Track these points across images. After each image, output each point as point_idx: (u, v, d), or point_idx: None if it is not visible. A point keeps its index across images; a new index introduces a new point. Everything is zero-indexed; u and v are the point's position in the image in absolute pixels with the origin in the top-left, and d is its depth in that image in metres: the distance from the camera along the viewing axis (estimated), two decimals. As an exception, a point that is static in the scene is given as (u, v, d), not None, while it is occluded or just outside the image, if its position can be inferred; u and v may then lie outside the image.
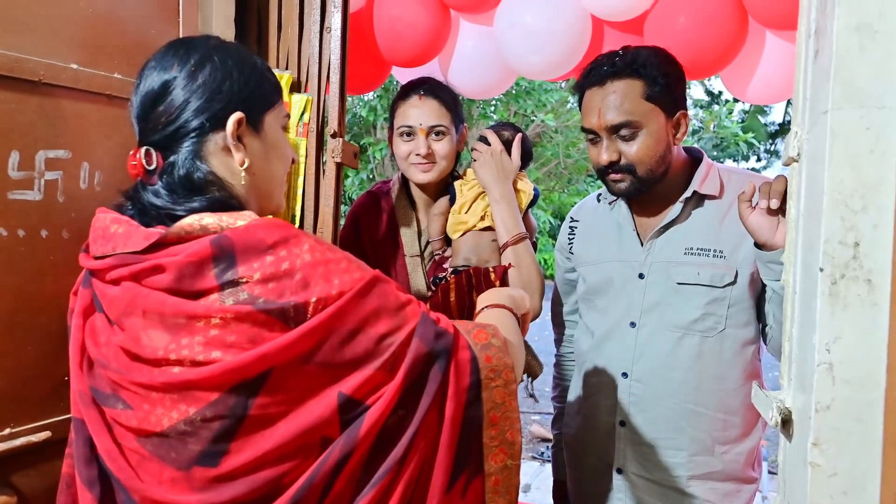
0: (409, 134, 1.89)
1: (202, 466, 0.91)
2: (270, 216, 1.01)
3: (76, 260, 1.41)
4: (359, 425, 0.91)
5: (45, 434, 1.37)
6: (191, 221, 0.95)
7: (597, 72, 1.58)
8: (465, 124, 2.02)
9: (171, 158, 1.02)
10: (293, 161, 1.18)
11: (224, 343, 0.89)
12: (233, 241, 0.91)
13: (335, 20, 1.69)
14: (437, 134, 1.88)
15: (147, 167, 1.03)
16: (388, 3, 2.18)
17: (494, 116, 9.03)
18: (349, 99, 8.51)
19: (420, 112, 1.88)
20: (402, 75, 2.55)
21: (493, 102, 9.19)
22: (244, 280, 0.90)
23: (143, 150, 1.03)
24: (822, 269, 0.90)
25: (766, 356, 1.63)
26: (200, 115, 1.02)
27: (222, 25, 1.75)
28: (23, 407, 1.35)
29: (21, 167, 1.31)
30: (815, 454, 0.89)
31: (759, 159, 12.39)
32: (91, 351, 1.02)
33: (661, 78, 1.53)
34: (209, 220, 0.95)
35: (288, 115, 1.17)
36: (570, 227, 1.86)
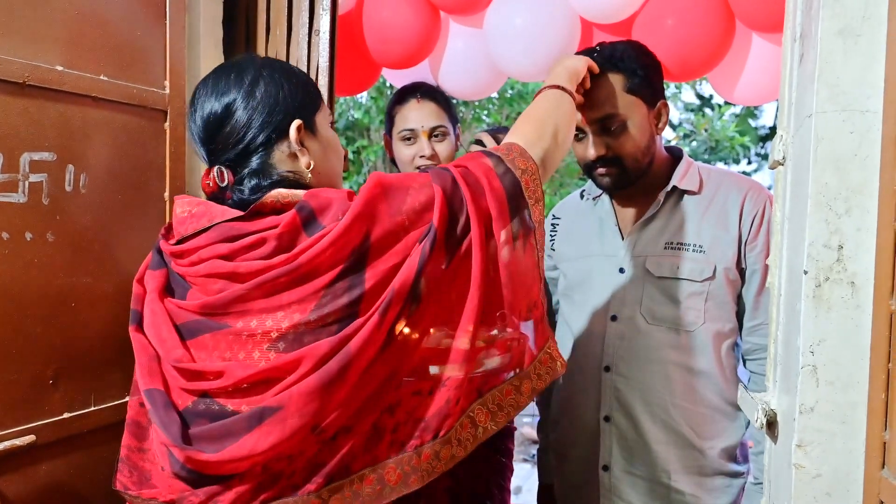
0: (411, 137, 1.90)
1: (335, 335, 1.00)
2: None
3: (61, 263, 1.41)
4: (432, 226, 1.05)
5: (30, 438, 1.36)
6: (283, 191, 1.06)
7: None
8: (459, 125, 2.03)
9: (243, 172, 1.10)
10: (345, 153, 1.28)
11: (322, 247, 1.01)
12: (312, 205, 1.03)
13: (324, 22, 1.69)
14: (439, 135, 1.90)
15: (220, 185, 1.10)
16: (378, 5, 2.18)
17: (487, 120, 9.04)
18: (343, 101, 8.49)
19: (420, 114, 1.89)
20: (392, 77, 2.55)
21: (487, 106, 9.20)
22: (328, 229, 1.02)
23: (216, 169, 1.10)
24: (806, 272, 0.91)
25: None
26: (265, 129, 1.09)
27: (210, 27, 1.74)
28: (6, 411, 1.34)
29: (5, 169, 1.30)
30: (800, 456, 0.90)
31: (749, 162, 12.44)
32: (195, 300, 1.07)
33: (640, 70, 1.55)
34: (298, 191, 1.06)
35: (332, 114, 1.24)
36: (553, 225, 1.87)
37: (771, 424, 1.01)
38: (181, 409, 1.05)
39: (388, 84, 7.04)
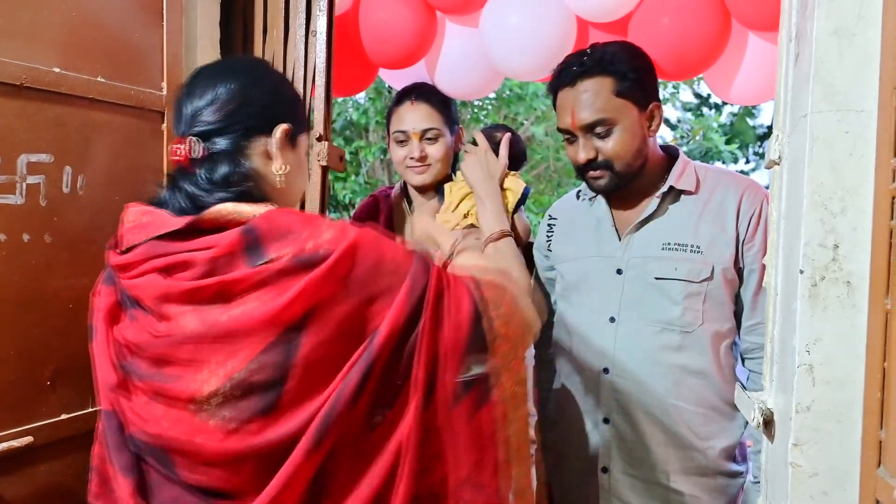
0: (403, 140, 1.93)
1: (256, 416, 0.95)
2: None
3: (59, 264, 1.41)
4: (375, 339, 0.95)
5: (28, 439, 1.36)
6: (228, 206, 1.00)
7: (567, 72, 1.60)
8: (461, 126, 2.04)
9: (215, 150, 1.07)
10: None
11: (262, 299, 0.94)
12: (260, 229, 0.97)
13: (320, 23, 1.69)
14: (430, 137, 1.92)
15: (191, 156, 1.07)
16: (374, 6, 2.17)
17: (486, 121, 9.05)
18: (341, 102, 8.49)
19: (412, 117, 1.92)
20: (389, 77, 2.55)
21: (486, 107, 9.21)
22: (274, 259, 0.95)
23: (190, 139, 1.07)
24: (802, 272, 0.91)
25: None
26: (255, 117, 1.09)
27: (207, 29, 1.74)
28: (4, 412, 1.34)
29: (2, 171, 1.30)
30: (796, 454, 0.90)
31: (747, 161, 12.45)
32: (129, 337, 1.04)
33: (631, 73, 1.55)
34: (244, 207, 1.00)
35: (311, 145, 1.27)
36: (549, 226, 1.86)
37: (767, 423, 1.02)
38: (127, 434, 1.04)
39: (386, 85, 7.04)
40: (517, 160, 1.89)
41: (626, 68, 1.54)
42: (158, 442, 1.00)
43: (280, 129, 1.10)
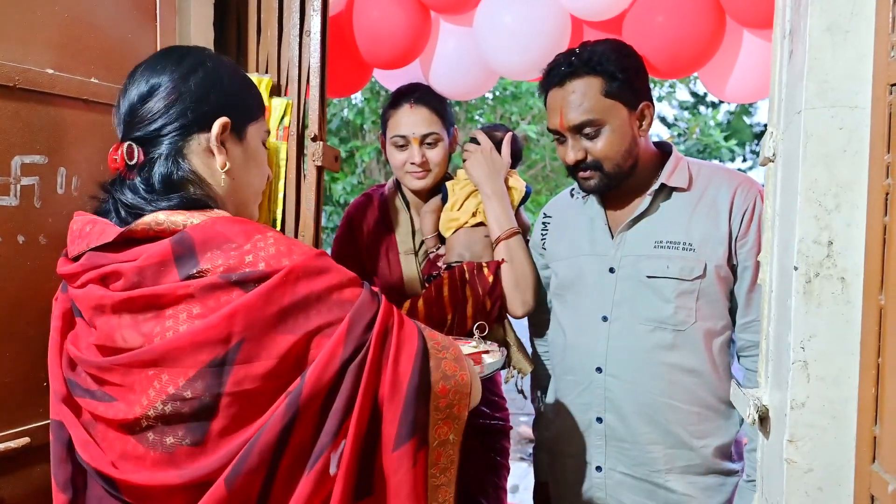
0: (402, 144, 1.90)
1: (185, 446, 0.92)
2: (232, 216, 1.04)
3: (54, 265, 1.40)
4: (308, 373, 0.92)
5: (24, 440, 1.36)
6: (159, 217, 0.97)
7: (556, 72, 1.59)
8: (455, 126, 2.03)
9: (153, 154, 1.03)
10: (268, 178, 1.21)
11: (191, 315, 0.92)
12: (193, 238, 0.94)
13: (314, 23, 1.68)
14: (430, 143, 1.90)
15: (128, 162, 1.04)
16: (368, 6, 2.17)
17: (481, 120, 9.05)
18: (336, 102, 8.48)
19: (412, 121, 1.89)
20: (384, 77, 2.55)
21: (481, 107, 9.20)
22: (207, 271, 0.92)
23: (125, 144, 1.04)
24: (796, 268, 0.91)
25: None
26: (187, 114, 1.04)
27: (201, 29, 1.74)
28: (1, 413, 1.33)
29: (-4, 173, 1.30)
30: (791, 451, 0.90)
31: (744, 159, 12.47)
32: (72, 352, 1.03)
33: (620, 73, 1.54)
34: (178, 217, 0.97)
35: (268, 132, 1.20)
36: (543, 224, 1.86)
37: (763, 420, 1.02)
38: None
39: (379, 84, 7.04)
40: (515, 159, 1.90)
41: (615, 68, 1.53)
42: (96, 465, 0.97)
43: (218, 124, 1.05)
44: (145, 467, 0.94)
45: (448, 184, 1.92)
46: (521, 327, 1.80)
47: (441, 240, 1.93)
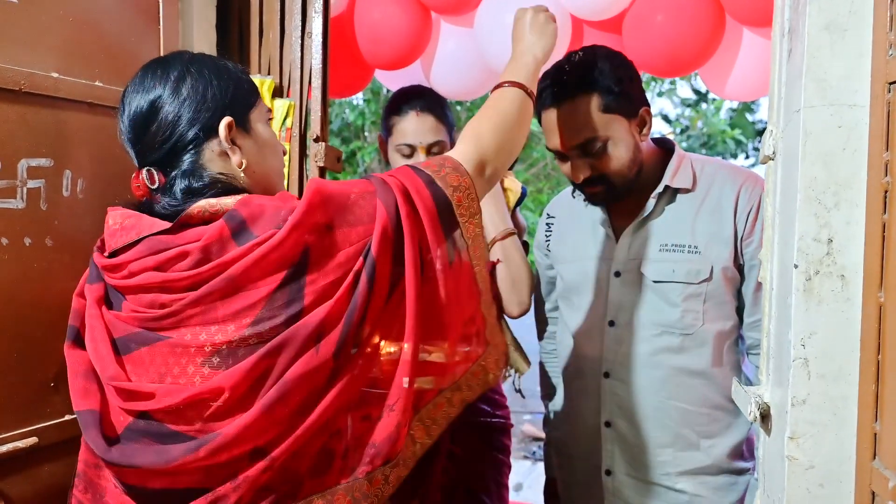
0: (408, 153, 1.87)
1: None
2: None
3: (60, 267, 1.42)
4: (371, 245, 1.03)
5: (32, 440, 1.37)
6: (211, 200, 1.02)
7: (549, 93, 1.55)
8: (455, 128, 2.03)
9: (174, 173, 1.06)
10: (284, 151, 1.24)
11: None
12: (242, 213, 1.00)
13: (316, 25, 1.69)
14: (437, 151, 1.86)
15: (150, 187, 1.07)
16: (369, 7, 2.19)
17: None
18: (338, 104, 8.50)
19: (419, 130, 1.85)
20: (385, 78, 2.56)
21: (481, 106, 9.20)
22: (264, 239, 0.99)
23: (144, 171, 1.07)
24: (796, 266, 0.92)
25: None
26: (193, 126, 1.05)
27: (204, 32, 1.75)
28: (8, 413, 1.35)
29: (3, 176, 1.31)
30: (792, 448, 0.91)
31: (747, 156, 12.45)
32: (120, 328, 1.04)
33: (615, 85, 1.50)
34: (226, 200, 1.02)
35: (269, 110, 1.21)
36: (547, 224, 1.84)
37: (764, 417, 1.02)
38: (122, 429, 1.03)
39: (381, 84, 7.05)
40: None
41: (610, 81, 1.50)
42: (182, 402, 0.99)
43: (223, 126, 1.07)
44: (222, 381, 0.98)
45: None
46: (519, 327, 1.80)
47: None
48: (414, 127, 1.85)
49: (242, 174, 1.09)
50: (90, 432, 1.03)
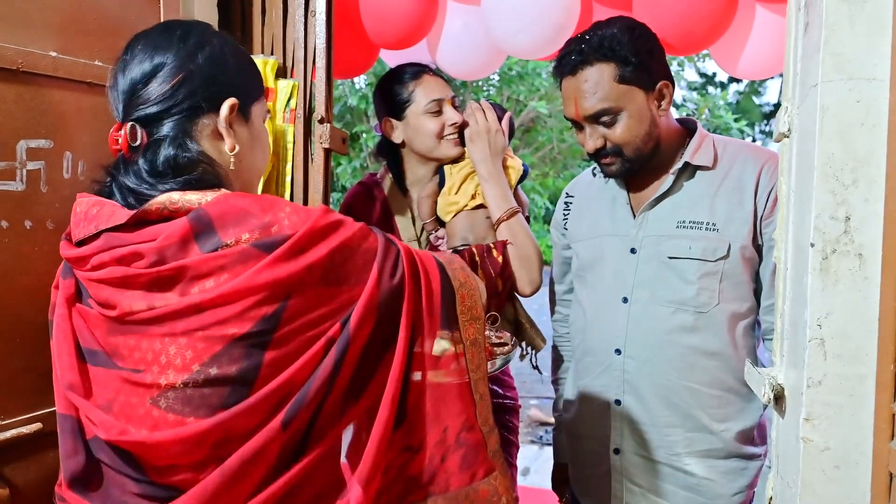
0: (437, 110, 1.87)
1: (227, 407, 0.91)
2: None
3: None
4: (351, 316, 0.96)
5: (36, 426, 1.36)
6: (173, 196, 0.94)
7: (567, 60, 1.55)
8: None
9: (157, 135, 1.00)
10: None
11: (220, 283, 0.91)
12: (210, 214, 0.92)
13: (320, 3, 1.66)
14: (458, 105, 1.91)
15: (131, 143, 1.00)
16: (375, -15, 2.16)
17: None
18: (341, 87, 8.46)
19: (441, 85, 1.90)
20: (390, 58, 2.53)
21: (486, 88, 9.16)
22: (236, 243, 0.91)
23: (128, 125, 1.00)
24: (812, 245, 0.89)
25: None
26: (196, 94, 1.01)
27: (205, 10, 1.72)
28: (12, 399, 1.34)
29: (2, 157, 1.29)
30: (808, 429, 0.89)
31: (754, 140, 12.39)
32: (84, 326, 1.00)
33: (633, 57, 1.49)
34: (192, 196, 0.94)
35: (268, 111, 1.19)
36: (566, 203, 1.84)
37: (778, 399, 1.01)
38: (88, 439, 0.98)
39: (385, 67, 7.02)
40: (509, 137, 1.91)
41: (628, 52, 1.49)
42: (116, 438, 0.94)
43: (227, 105, 1.03)
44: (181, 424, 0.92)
45: (445, 167, 1.91)
46: (532, 305, 1.80)
47: (440, 223, 1.92)
48: (435, 83, 1.90)
49: (231, 158, 1.05)
50: (66, 441, 0.99)
